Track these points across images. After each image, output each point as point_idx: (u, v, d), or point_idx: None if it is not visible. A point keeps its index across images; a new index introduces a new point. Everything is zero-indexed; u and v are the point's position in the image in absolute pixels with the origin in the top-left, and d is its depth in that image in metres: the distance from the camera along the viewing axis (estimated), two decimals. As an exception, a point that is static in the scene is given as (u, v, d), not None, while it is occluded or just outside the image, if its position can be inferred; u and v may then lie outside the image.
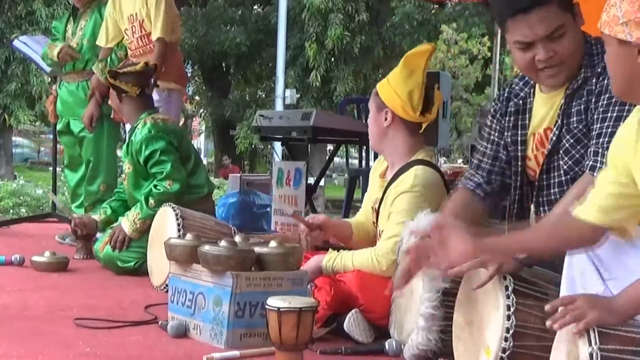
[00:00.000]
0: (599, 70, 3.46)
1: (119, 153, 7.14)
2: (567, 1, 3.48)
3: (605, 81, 3.37)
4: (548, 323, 2.63)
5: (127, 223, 5.74)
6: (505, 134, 3.82)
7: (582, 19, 3.51)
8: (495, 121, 3.89)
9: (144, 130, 5.90)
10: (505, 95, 3.88)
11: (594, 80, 3.49)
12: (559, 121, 3.57)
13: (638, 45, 2.53)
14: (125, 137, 6.56)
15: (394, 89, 4.32)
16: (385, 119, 4.33)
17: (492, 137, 3.89)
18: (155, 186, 5.78)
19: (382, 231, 4.26)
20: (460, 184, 3.96)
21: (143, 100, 6.15)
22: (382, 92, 4.36)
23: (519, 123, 3.77)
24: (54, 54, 6.79)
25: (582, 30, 3.60)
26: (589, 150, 3.40)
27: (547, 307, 2.67)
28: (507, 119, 3.82)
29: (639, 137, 2.66)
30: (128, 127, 6.72)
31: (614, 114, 3.32)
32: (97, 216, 6.12)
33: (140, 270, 5.48)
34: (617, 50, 2.60)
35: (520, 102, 3.79)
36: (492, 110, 3.96)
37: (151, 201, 5.73)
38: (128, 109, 6.15)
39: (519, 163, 3.77)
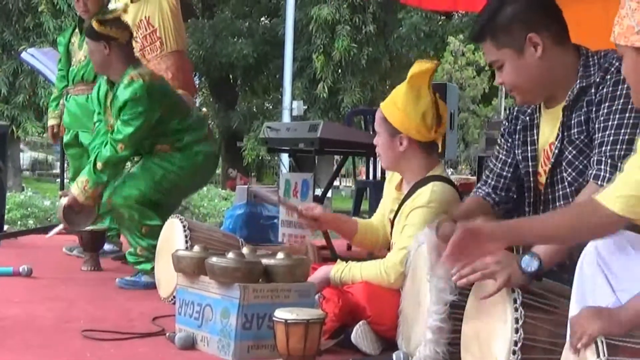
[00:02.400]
0: (597, 79, 3.50)
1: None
2: (503, 40, 3.57)
3: (605, 90, 3.43)
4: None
5: (77, 191, 5.77)
6: (516, 151, 3.85)
7: (539, 48, 3.56)
8: (503, 140, 3.95)
9: (130, 89, 5.79)
10: (514, 114, 3.93)
11: (592, 90, 3.51)
12: (560, 134, 3.60)
13: None
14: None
15: (406, 113, 4.29)
16: (401, 143, 4.30)
17: (500, 155, 3.95)
18: (105, 145, 5.80)
19: (394, 243, 4.26)
20: (474, 192, 4.01)
21: (130, 49, 6.12)
22: (392, 117, 4.31)
23: (528, 139, 3.80)
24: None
25: (577, 44, 3.68)
26: (591, 159, 3.41)
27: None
28: (516, 136, 3.86)
29: None
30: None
31: (615, 122, 3.34)
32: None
33: None
34: (636, 58, 2.63)
35: (527, 118, 3.82)
36: (501, 129, 4.00)
37: (99, 164, 5.75)
38: (116, 60, 5.98)
39: (531, 179, 3.79)
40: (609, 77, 3.46)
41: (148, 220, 5.72)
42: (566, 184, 3.58)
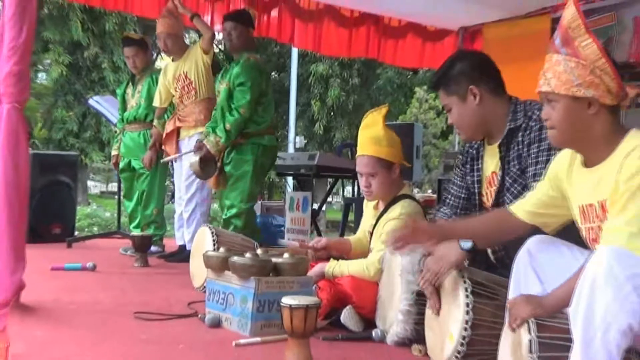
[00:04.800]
0: (523, 124, 3.59)
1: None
2: (451, 89, 3.68)
3: (533, 134, 3.53)
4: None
5: (211, 145, 6.04)
6: (467, 177, 3.89)
7: (477, 97, 3.65)
8: (458, 170, 3.98)
9: (246, 64, 6.20)
10: (466, 148, 3.98)
11: (520, 133, 3.58)
12: (501, 166, 3.65)
13: (589, 99, 2.61)
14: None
15: (396, 145, 4.31)
16: (394, 172, 4.30)
17: (456, 181, 3.98)
18: (230, 112, 6.12)
19: (373, 248, 4.27)
20: (437, 216, 4.03)
21: (252, 39, 6.55)
22: (387, 153, 4.26)
23: (475, 167, 3.85)
24: None
25: (510, 95, 3.75)
26: (528, 185, 3.45)
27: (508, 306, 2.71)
28: (467, 166, 3.90)
29: (571, 164, 2.83)
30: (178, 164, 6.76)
31: (543, 158, 3.44)
32: None
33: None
34: (569, 105, 2.66)
35: (474, 151, 3.88)
36: (457, 162, 4.05)
37: (228, 126, 6.05)
38: (240, 44, 6.37)
39: (476, 198, 3.84)
40: (533, 123, 3.55)
41: None
42: (506, 204, 3.59)
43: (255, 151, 6.26)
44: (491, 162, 3.74)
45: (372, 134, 4.33)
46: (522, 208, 2.97)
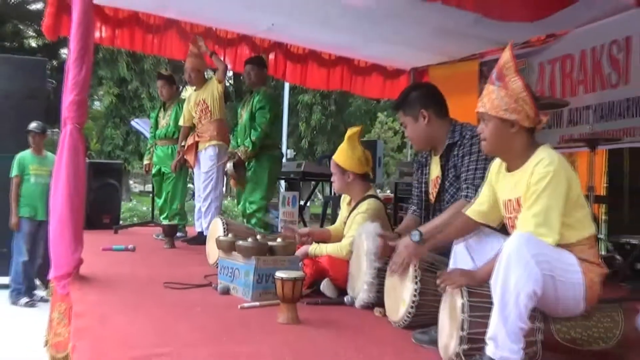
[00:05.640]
0: (458, 141, 3.59)
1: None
2: (407, 111, 3.71)
3: (465, 148, 3.54)
4: (438, 282, 2.69)
5: (242, 153, 6.13)
6: (420, 181, 3.88)
7: (426, 119, 3.67)
8: (415, 176, 3.97)
9: (265, 94, 6.28)
10: (418, 158, 3.97)
11: (456, 148, 3.58)
12: (442, 173, 3.66)
13: (512, 121, 2.64)
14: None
15: (349, 158, 4.30)
16: (348, 177, 4.30)
17: (415, 184, 3.95)
18: (254, 129, 6.16)
19: (345, 235, 4.25)
20: (409, 211, 4.00)
21: (266, 77, 6.59)
22: (341, 162, 4.31)
23: (424, 173, 3.85)
24: None
25: (451, 118, 3.74)
26: (461, 187, 3.49)
27: (438, 274, 2.71)
28: (419, 171, 3.89)
29: (499, 169, 2.84)
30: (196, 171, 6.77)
31: (473, 166, 3.45)
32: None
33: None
34: (498, 124, 2.69)
35: (424, 160, 3.88)
36: (414, 169, 4.02)
37: (253, 138, 6.11)
38: (258, 81, 6.43)
39: (423, 197, 3.85)
40: (465, 141, 3.56)
41: None
42: (445, 200, 3.62)
43: (270, 161, 6.34)
44: (435, 169, 3.75)
45: (341, 145, 4.38)
46: (473, 210, 2.95)
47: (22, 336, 6.25)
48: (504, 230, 2.87)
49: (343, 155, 4.32)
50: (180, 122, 7.04)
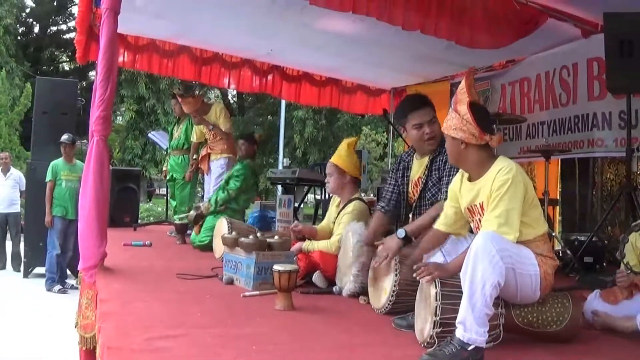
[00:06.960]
0: (443, 150, 3.48)
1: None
2: (433, 107, 3.61)
3: (446, 156, 3.43)
4: (415, 275, 2.67)
5: (205, 208, 5.85)
6: (399, 181, 3.79)
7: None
8: (392, 175, 3.88)
9: (245, 165, 6.02)
10: (399, 161, 3.88)
11: (440, 155, 3.53)
12: (427, 174, 3.59)
13: (461, 139, 2.65)
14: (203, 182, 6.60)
15: (349, 162, 4.31)
16: (346, 178, 4.30)
17: (390, 183, 3.86)
18: (222, 191, 5.89)
19: (334, 232, 4.25)
20: (375, 209, 3.95)
21: (254, 152, 6.24)
22: (343, 164, 4.29)
23: (405, 174, 3.78)
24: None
25: None
26: (442, 190, 3.45)
27: (415, 267, 2.70)
28: (399, 173, 3.80)
29: (462, 180, 2.82)
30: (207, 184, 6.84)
31: (453, 172, 3.35)
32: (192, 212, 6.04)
33: (210, 245, 5.38)
34: (451, 141, 2.71)
35: (406, 163, 3.80)
36: (391, 169, 3.94)
37: (219, 199, 5.83)
38: (246, 153, 6.16)
39: (403, 197, 3.78)
40: (444, 150, 3.51)
41: None
42: (427, 200, 3.58)
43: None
44: (418, 170, 3.68)
45: (338, 151, 4.38)
46: (441, 224, 2.92)
47: (56, 318, 6.44)
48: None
49: (343, 159, 4.32)
50: (192, 139, 7.12)
